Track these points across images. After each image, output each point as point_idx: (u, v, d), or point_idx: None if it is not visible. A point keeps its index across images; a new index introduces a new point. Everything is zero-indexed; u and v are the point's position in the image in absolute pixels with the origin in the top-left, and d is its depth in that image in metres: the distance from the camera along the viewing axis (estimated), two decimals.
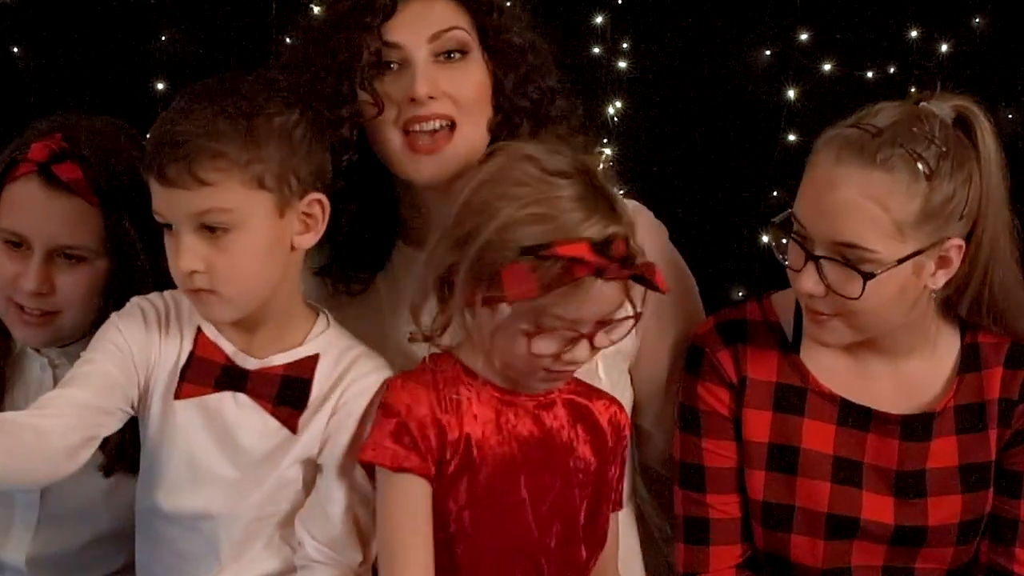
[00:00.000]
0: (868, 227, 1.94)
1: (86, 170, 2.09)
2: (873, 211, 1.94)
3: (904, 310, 2.03)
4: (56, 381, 2.16)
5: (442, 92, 2.06)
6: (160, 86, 3.88)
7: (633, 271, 1.84)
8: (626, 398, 2.22)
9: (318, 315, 2.02)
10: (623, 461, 2.05)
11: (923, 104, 2.02)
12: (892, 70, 3.87)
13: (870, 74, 3.86)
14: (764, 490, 2.13)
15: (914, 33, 3.93)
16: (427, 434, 1.89)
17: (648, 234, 2.19)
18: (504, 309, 1.84)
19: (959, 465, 2.12)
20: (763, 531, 2.15)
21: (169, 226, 1.89)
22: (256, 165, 1.86)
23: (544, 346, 1.85)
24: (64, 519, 2.18)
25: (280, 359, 1.97)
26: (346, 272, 2.19)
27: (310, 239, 1.95)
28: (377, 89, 2.08)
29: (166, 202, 1.87)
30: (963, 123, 2.02)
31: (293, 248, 1.94)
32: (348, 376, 1.96)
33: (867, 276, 1.95)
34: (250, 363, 1.96)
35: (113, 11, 3.90)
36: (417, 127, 2.07)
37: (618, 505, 2.06)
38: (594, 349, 1.88)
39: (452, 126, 2.08)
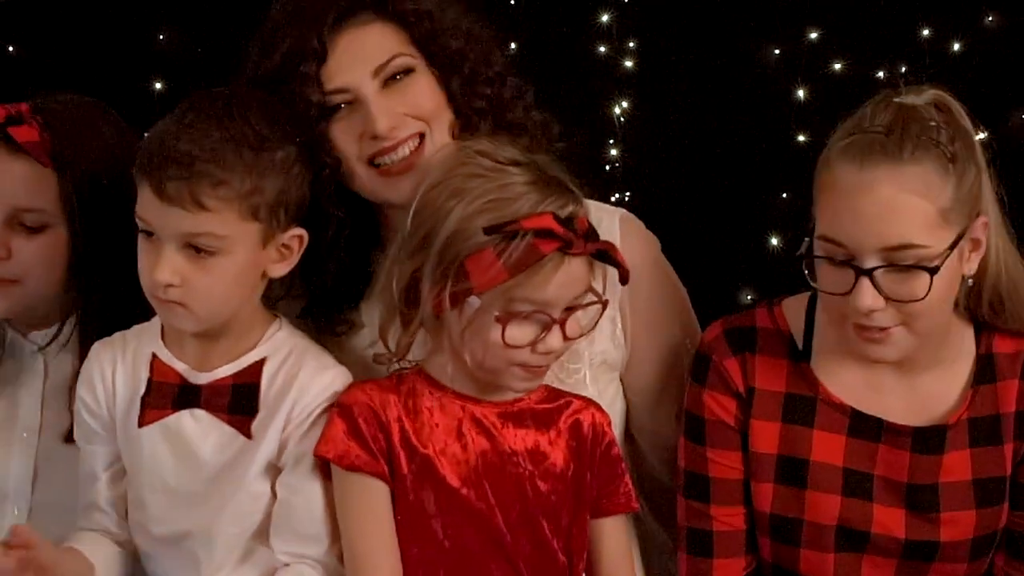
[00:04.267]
0: (916, 223, 1.92)
1: (45, 134, 2.14)
2: (917, 205, 1.92)
3: (951, 301, 2.02)
4: (47, 367, 2.24)
5: (400, 116, 2.07)
6: (158, 86, 3.90)
7: (598, 246, 1.90)
8: (616, 408, 2.23)
9: (274, 319, 2.07)
10: (614, 461, 2.05)
11: (901, 99, 2.01)
12: (903, 69, 3.88)
13: (881, 74, 3.86)
14: (772, 503, 2.11)
15: (925, 32, 3.92)
16: (377, 434, 1.93)
17: (639, 243, 2.20)
18: (473, 302, 1.88)
19: (973, 480, 2.10)
20: (771, 544, 2.14)
21: (149, 232, 1.94)
22: (255, 197, 1.92)
23: (518, 335, 1.88)
24: (57, 508, 2.20)
25: (228, 369, 2.01)
26: (328, 314, 2.20)
27: (282, 268, 2.02)
28: (332, 135, 2.08)
29: (158, 215, 1.91)
30: (941, 110, 2.02)
31: (264, 275, 2.01)
32: (300, 376, 2.00)
33: (933, 271, 1.92)
34: (201, 378, 2.01)
35: (111, 10, 3.92)
36: (385, 159, 2.08)
37: (622, 507, 2.07)
38: (567, 339, 1.91)
39: (421, 138, 2.09)
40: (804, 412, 2.11)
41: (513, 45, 3.23)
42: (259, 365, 2.01)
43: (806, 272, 2.01)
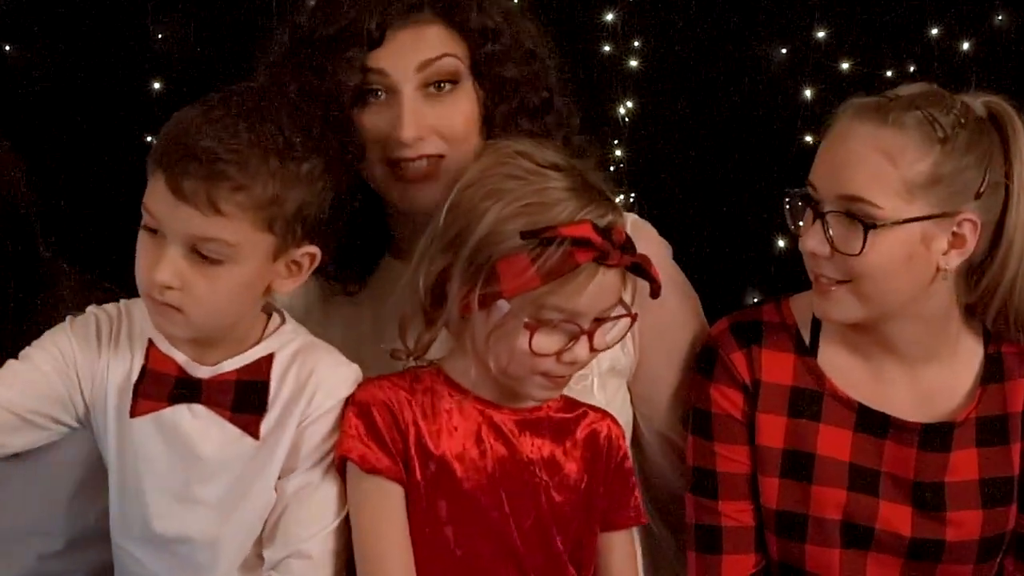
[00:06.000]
0: (874, 180, 1.98)
1: None
2: (880, 164, 1.97)
3: (913, 285, 2.03)
4: None
5: (429, 128, 2.06)
6: (156, 85, 3.90)
7: (634, 259, 1.89)
8: (624, 416, 2.23)
9: (271, 314, 2.01)
10: (626, 474, 2.05)
11: (962, 98, 2.05)
12: (912, 69, 3.88)
13: (889, 73, 3.87)
14: (778, 498, 2.13)
15: (935, 31, 3.93)
16: (395, 436, 1.91)
17: (651, 250, 2.20)
18: (502, 306, 1.86)
19: (979, 479, 2.12)
20: (777, 541, 2.16)
21: (152, 229, 1.86)
22: (274, 208, 1.85)
23: (545, 343, 1.86)
24: (11, 539, 2.18)
25: (232, 364, 1.94)
26: (342, 270, 2.19)
27: (289, 285, 1.95)
28: (361, 124, 2.07)
29: (168, 212, 1.83)
30: (994, 119, 2.05)
31: (268, 290, 1.94)
32: (316, 373, 1.95)
33: (868, 226, 1.97)
34: (202, 371, 1.94)
35: (109, 9, 3.92)
36: (402, 165, 2.07)
37: (631, 520, 2.06)
38: (593, 350, 1.90)
39: (440, 157, 2.07)
40: (811, 406, 2.13)
41: None
42: (267, 361, 1.94)
43: (788, 214, 2.09)
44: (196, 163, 1.81)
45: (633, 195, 3.82)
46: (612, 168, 3.86)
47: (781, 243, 3.84)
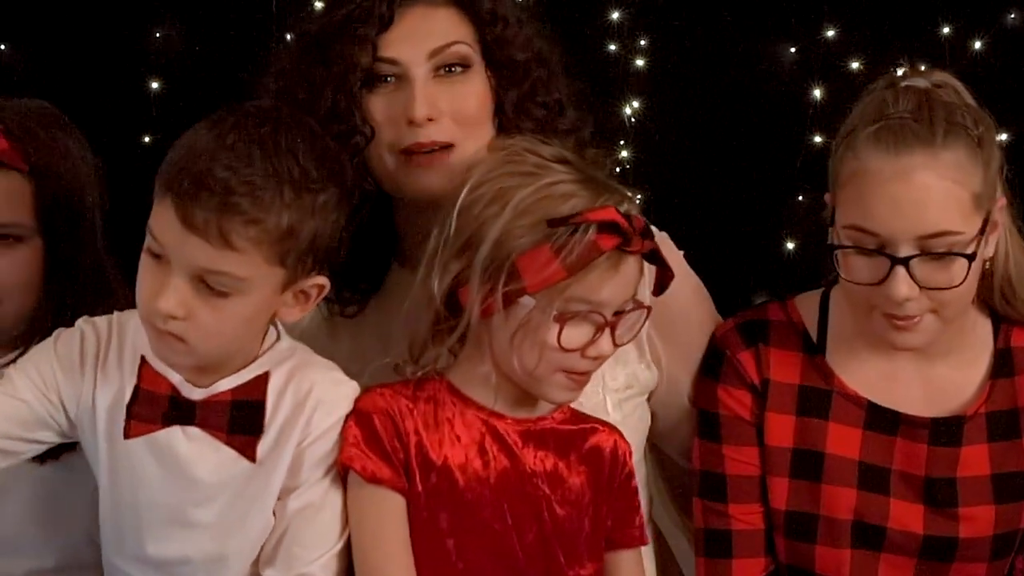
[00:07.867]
0: (952, 209, 1.95)
1: (14, 142, 2.09)
2: (953, 191, 1.95)
3: (975, 286, 2.04)
4: None
5: (441, 111, 2.06)
6: (154, 85, 3.91)
7: (652, 245, 1.90)
8: (641, 433, 2.23)
9: (266, 330, 1.96)
10: (631, 493, 2.05)
11: (910, 82, 2.05)
12: (923, 69, 3.88)
13: (900, 72, 3.87)
14: (787, 499, 2.14)
15: (946, 30, 3.94)
16: (396, 445, 1.91)
17: (677, 265, 2.21)
18: (526, 303, 1.86)
19: (991, 474, 2.13)
20: (786, 543, 2.16)
21: (157, 254, 1.82)
22: (287, 242, 1.81)
23: (572, 337, 1.86)
24: (1, 551, 2.15)
25: (227, 383, 1.90)
26: (342, 293, 2.18)
27: (295, 314, 1.92)
28: (370, 107, 2.08)
29: (176, 241, 1.79)
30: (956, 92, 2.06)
31: (274, 317, 1.92)
32: (314, 392, 1.92)
33: (971, 258, 1.96)
34: (196, 393, 1.90)
35: (106, 7, 3.93)
36: (414, 153, 2.07)
37: (635, 540, 2.05)
38: (615, 344, 1.90)
39: (450, 147, 2.08)
40: (819, 405, 2.14)
41: None
42: (263, 380, 1.91)
43: (836, 262, 2.03)
44: (208, 193, 1.77)
45: (639, 196, 3.83)
46: (618, 169, 3.86)
47: (790, 245, 3.85)
